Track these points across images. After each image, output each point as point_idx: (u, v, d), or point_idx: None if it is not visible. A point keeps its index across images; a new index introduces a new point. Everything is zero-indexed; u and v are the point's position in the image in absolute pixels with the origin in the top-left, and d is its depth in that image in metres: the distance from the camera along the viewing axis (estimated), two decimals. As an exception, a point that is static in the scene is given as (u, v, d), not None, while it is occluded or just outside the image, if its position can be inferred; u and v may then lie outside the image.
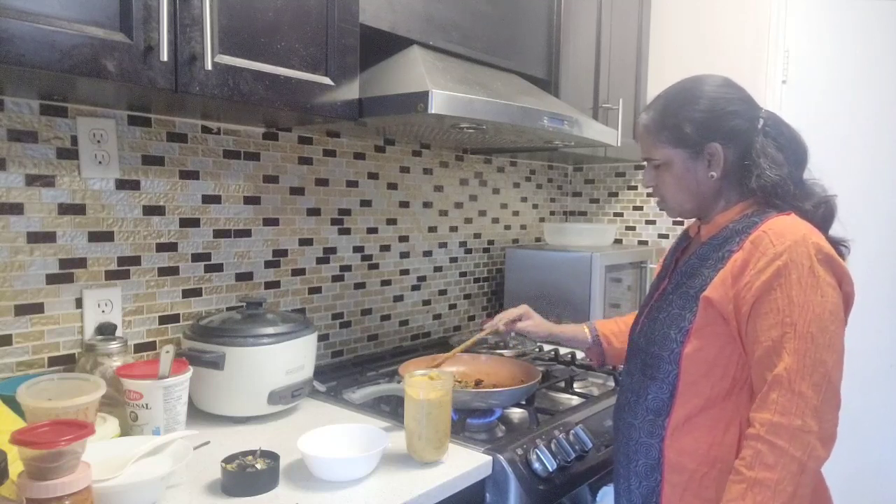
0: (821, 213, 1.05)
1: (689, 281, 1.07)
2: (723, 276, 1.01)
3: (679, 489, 1.04)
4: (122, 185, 1.35)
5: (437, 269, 2.13)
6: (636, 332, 1.18)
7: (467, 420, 1.34)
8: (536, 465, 1.21)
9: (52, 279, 1.26)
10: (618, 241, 2.60)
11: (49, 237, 1.26)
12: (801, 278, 0.94)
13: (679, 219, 1.43)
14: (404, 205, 1.99)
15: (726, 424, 1.01)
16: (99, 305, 1.32)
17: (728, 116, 1.06)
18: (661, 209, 1.18)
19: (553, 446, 1.27)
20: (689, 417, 1.04)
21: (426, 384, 1.16)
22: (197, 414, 1.33)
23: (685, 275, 1.09)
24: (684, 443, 1.03)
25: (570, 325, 1.47)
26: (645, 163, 1.16)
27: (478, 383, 1.54)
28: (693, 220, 1.18)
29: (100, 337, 1.29)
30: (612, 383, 1.71)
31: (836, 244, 1.05)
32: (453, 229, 2.18)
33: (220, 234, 1.53)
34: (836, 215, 1.07)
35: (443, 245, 2.14)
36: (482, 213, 2.30)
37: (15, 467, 0.81)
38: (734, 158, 1.07)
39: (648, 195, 2.52)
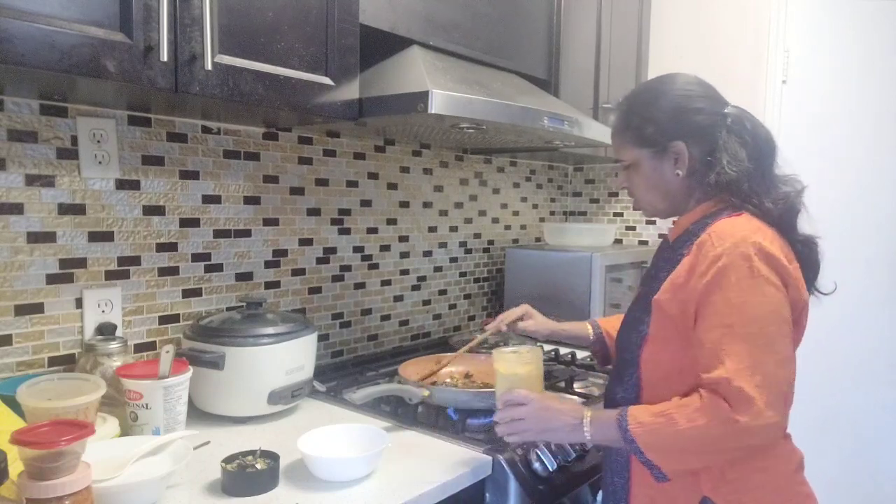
0: (779, 210, 1.02)
1: (651, 284, 1.08)
2: (672, 280, 1.01)
3: (645, 487, 1.06)
4: (122, 185, 1.35)
5: (437, 269, 2.13)
6: (616, 337, 1.21)
7: (467, 420, 1.34)
8: (536, 465, 1.21)
9: (52, 279, 1.26)
10: (618, 241, 2.60)
11: (49, 237, 1.26)
12: (740, 280, 0.93)
13: (653, 219, 1.44)
14: (404, 205, 1.99)
15: None
16: (99, 305, 1.32)
17: (690, 114, 1.05)
18: (635, 209, 1.19)
19: (553, 446, 1.26)
20: None
21: (514, 359, 1.15)
22: (197, 414, 1.33)
23: (651, 278, 1.10)
24: None
25: (573, 322, 1.46)
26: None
27: (478, 383, 1.54)
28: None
29: (100, 337, 1.29)
30: (612, 383, 1.71)
31: (804, 241, 1.04)
32: (453, 229, 2.18)
33: (220, 234, 1.53)
34: (799, 212, 1.04)
35: (443, 245, 2.14)
36: (482, 213, 2.30)
37: (15, 467, 0.81)
38: (700, 156, 1.05)
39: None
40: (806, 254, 1.04)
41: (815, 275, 1.06)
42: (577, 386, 1.66)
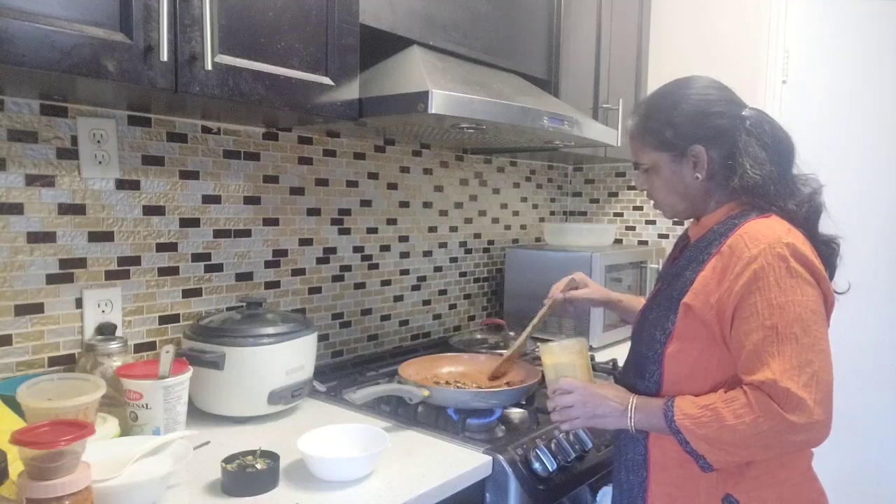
0: (804, 212, 1.04)
1: (674, 283, 1.08)
2: (703, 281, 1.02)
3: (664, 485, 1.06)
4: (122, 185, 1.35)
5: (437, 269, 2.13)
6: (633, 331, 1.20)
7: (467, 420, 1.34)
8: (536, 465, 1.21)
9: (52, 279, 1.26)
10: (618, 241, 2.60)
11: (49, 237, 1.26)
12: (780, 280, 0.94)
13: (677, 220, 1.43)
14: (404, 205, 1.99)
15: None
16: (99, 305, 1.32)
17: (710, 117, 1.06)
18: (655, 208, 1.18)
19: (553, 446, 1.27)
20: None
21: (558, 349, 1.16)
22: (197, 414, 1.33)
23: (674, 276, 1.10)
24: (667, 441, 1.03)
25: (629, 295, 1.47)
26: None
27: (477, 384, 1.54)
28: (692, 220, 1.18)
29: (100, 337, 1.29)
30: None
31: (826, 242, 1.05)
32: (453, 229, 2.18)
33: (220, 234, 1.53)
34: (822, 213, 1.07)
35: (443, 245, 2.14)
36: (482, 213, 2.30)
37: (15, 467, 0.81)
38: (719, 159, 1.06)
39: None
40: (827, 254, 1.05)
41: (831, 276, 1.06)
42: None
